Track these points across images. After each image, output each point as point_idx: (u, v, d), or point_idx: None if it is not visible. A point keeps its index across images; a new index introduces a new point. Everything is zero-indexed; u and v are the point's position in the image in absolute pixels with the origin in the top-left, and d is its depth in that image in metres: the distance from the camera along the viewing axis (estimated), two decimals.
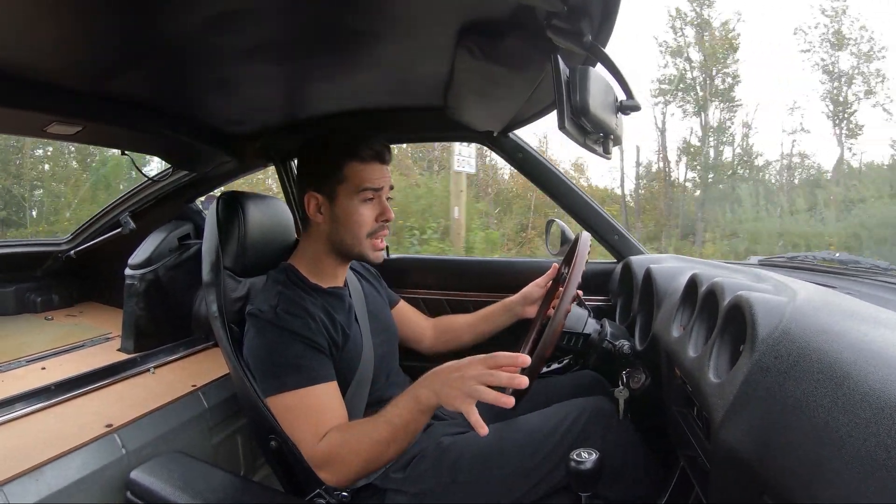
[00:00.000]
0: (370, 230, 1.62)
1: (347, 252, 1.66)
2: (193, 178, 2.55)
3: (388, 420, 1.36)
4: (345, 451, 1.39)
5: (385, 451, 1.38)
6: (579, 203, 2.30)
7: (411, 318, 2.08)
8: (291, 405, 1.45)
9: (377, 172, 1.61)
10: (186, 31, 1.18)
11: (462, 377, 1.25)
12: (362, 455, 1.38)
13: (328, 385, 1.49)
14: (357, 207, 1.60)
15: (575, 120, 0.99)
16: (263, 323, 1.51)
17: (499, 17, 1.15)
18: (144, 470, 1.47)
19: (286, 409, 1.45)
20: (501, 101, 1.70)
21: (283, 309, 1.51)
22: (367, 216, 1.61)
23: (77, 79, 1.45)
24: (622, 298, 2.14)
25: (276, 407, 1.46)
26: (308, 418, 1.44)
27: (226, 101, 1.75)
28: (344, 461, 1.40)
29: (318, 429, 1.43)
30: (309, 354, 1.49)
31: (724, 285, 1.19)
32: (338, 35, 1.28)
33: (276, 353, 1.48)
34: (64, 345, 2.44)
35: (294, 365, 1.46)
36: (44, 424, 1.63)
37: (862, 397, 0.67)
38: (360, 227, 1.61)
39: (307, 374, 1.46)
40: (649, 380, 1.65)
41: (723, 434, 0.92)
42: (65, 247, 3.06)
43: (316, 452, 1.41)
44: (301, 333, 1.49)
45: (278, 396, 1.45)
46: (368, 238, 1.63)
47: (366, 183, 1.59)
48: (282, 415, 1.46)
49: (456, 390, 1.25)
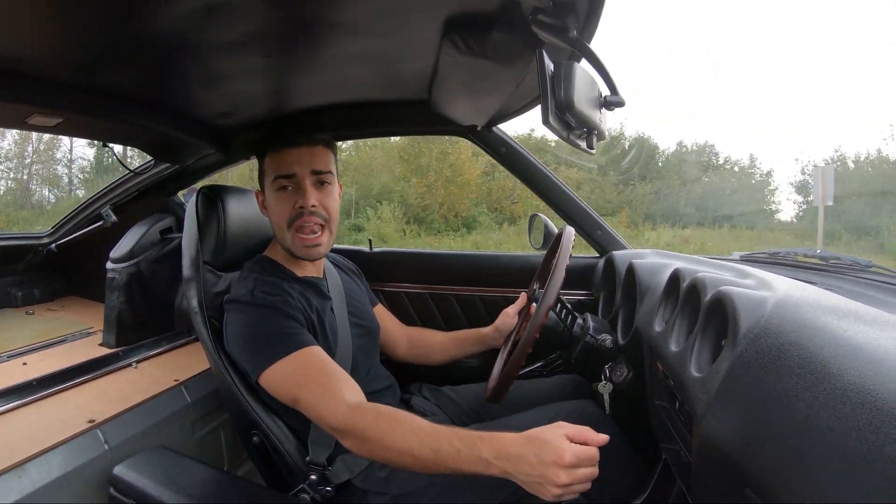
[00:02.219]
0: (289, 218, 1.61)
1: (283, 246, 1.66)
2: (176, 170, 2.53)
3: (438, 452, 1.21)
4: (377, 442, 1.28)
5: (410, 466, 1.26)
6: (563, 198, 2.31)
7: (387, 323, 2.05)
8: (290, 371, 1.42)
9: (290, 157, 1.60)
10: (170, 22, 1.17)
11: (546, 476, 1.10)
12: (390, 457, 1.28)
13: (315, 348, 1.47)
14: (274, 197, 1.62)
15: (559, 115, 0.99)
16: (241, 305, 1.51)
17: (484, 12, 1.15)
18: (127, 465, 1.47)
19: (286, 377, 1.42)
20: (486, 96, 1.70)
21: (260, 290, 1.52)
22: (282, 205, 1.61)
23: (58, 70, 1.44)
24: (605, 293, 2.16)
25: (275, 378, 1.43)
26: (312, 382, 1.40)
27: (210, 93, 1.74)
28: (369, 448, 1.31)
29: (335, 390, 1.37)
30: (290, 324, 1.48)
31: (706, 280, 1.19)
32: (323, 28, 1.27)
33: (260, 328, 1.47)
34: (45, 339, 2.42)
35: (280, 334, 1.45)
36: (25, 420, 1.62)
37: (842, 392, 0.68)
38: (279, 217, 1.62)
39: (295, 340, 1.45)
40: (631, 374, 1.66)
41: (705, 428, 0.92)
42: (45, 240, 3.02)
43: (340, 421, 1.33)
44: (280, 308, 1.48)
45: (273, 368, 1.42)
46: (290, 229, 1.61)
47: (275, 171, 1.60)
48: (278, 387, 1.44)
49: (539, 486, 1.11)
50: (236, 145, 2.31)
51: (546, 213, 2.22)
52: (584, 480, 1.12)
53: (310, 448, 1.53)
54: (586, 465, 1.12)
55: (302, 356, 1.43)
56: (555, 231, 1.99)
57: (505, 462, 1.14)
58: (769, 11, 24.25)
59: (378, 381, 1.75)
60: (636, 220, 18.51)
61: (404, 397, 1.88)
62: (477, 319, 2.41)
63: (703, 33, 28.33)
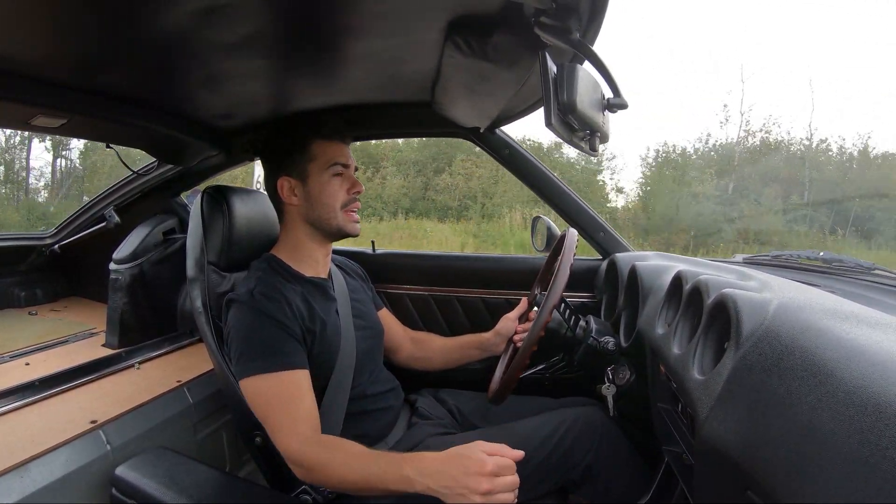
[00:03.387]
0: (344, 202, 1.67)
1: (325, 227, 1.68)
2: (179, 171, 2.54)
3: (367, 476, 1.27)
4: (321, 471, 1.35)
5: (351, 490, 1.35)
6: (566, 200, 2.30)
7: (391, 326, 2.05)
8: (263, 389, 1.44)
9: (343, 148, 1.68)
10: (173, 24, 1.17)
11: (468, 486, 1.14)
12: (334, 484, 1.35)
13: (300, 372, 1.48)
14: (329, 181, 1.65)
15: (562, 117, 0.99)
16: (240, 305, 1.51)
17: (487, 14, 1.15)
18: (129, 466, 1.46)
19: (257, 392, 1.45)
20: (489, 98, 1.69)
21: (259, 291, 1.52)
22: (339, 189, 1.66)
23: (62, 71, 1.44)
24: (607, 295, 2.15)
25: (248, 390, 1.46)
26: (284, 407, 1.42)
27: (213, 95, 1.74)
28: (316, 477, 1.37)
29: (294, 421, 1.41)
30: (283, 339, 1.48)
31: (708, 283, 1.19)
32: (325, 30, 1.27)
33: (251, 335, 1.47)
34: (48, 340, 2.42)
35: (268, 347, 1.46)
36: (28, 421, 1.62)
37: (845, 395, 0.68)
38: (335, 200, 1.66)
39: (280, 360, 1.46)
40: (634, 376, 1.66)
41: (707, 430, 0.92)
42: (49, 241, 3.04)
43: (292, 452, 1.38)
44: (275, 317, 1.48)
45: (251, 379, 1.44)
46: (343, 210, 1.67)
47: (336, 158, 1.65)
48: (253, 398, 1.45)
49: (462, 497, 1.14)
50: (238, 146, 2.31)
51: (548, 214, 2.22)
52: (506, 489, 1.15)
53: None
54: (507, 474, 1.16)
55: (284, 379, 1.45)
56: (557, 233, 1.99)
57: (427, 478, 1.20)
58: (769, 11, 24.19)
59: (381, 383, 1.75)
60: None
61: (409, 398, 1.87)
62: (479, 321, 2.41)
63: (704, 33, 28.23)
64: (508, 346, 1.89)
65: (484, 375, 1.95)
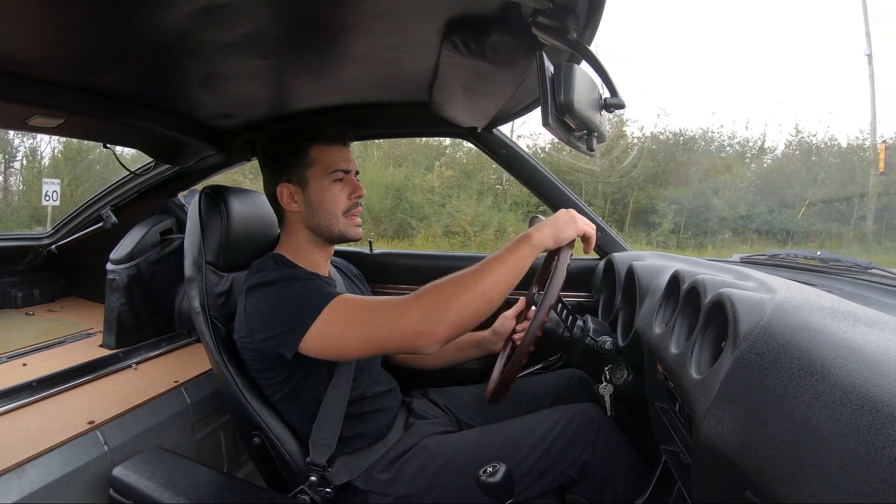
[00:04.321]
0: (345, 208, 1.66)
1: (327, 234, 1.66)
2: (176, 171, 2.54)
3: (498, 258, 1.39)
4: (458, 310, 1.34)
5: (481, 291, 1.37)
6: (563, 200, 2.31)
7: None
8: (340, 315, 1.39)
9: (343, 153, 1.67)
10: (170, 24, 1.17)
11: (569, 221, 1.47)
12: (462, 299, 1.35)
13: (346, 294, 1.48)
14: (329, 187, 1.64)
15: (559, 117, 0.99)
16: (263, 285, 1.49)
17: (485, 13, 1.15)
18: (127, 467, 1.46)
19: (337, 321, 1.39)
20: (486, 97, 1.70)
21: (283, 270, 1.54)
22: (339, 195, 1.65)
23: (59, 71, 1.44)
24: (605, 295, 2.16)
25: (325, 329, 1.38)
26: (368, 308, 1.39)
27: (210, 95, 1.74)
28: (460, 316, 1.35)
29: (386, 305, 1.38)
30: (318, 283, 1.50)
31: (705, 282, 1.20)
32: (323, 30, 1.27)
33: (289, 294, 1.44)
34: (45, 340, 2.42)
35: (311, 290, 1.44)
36: (25, 421, 1.61)
37: (842, 394, 0.68)
38: (336, 206, 1.64)
39: (327, 291, 1.44)
40: (631, 376, 1.66)
41: (705, 429, 0.92)
42: (46, 241, 3.03)
43: (424, 314, 1.34)
44: (304, 277, 1.51)
45: (319, 322, 1.38)
46: (344, 216, 1.66)
47: (335, 164, 1.63)
48: (334, 334, 1.39)
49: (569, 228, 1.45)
50: (236, 147, 2.31)
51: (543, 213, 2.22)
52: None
53: (311, 449, 1.53)
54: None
55: (340, 302, 1.41)
56: None
57: (541, 230, 1.44)
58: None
59: (380, 384, 1.75)
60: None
61: (405, 401, 1.87)
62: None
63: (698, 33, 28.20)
64: (507, 345, 1.89)
65: (481, 374, 1.95)
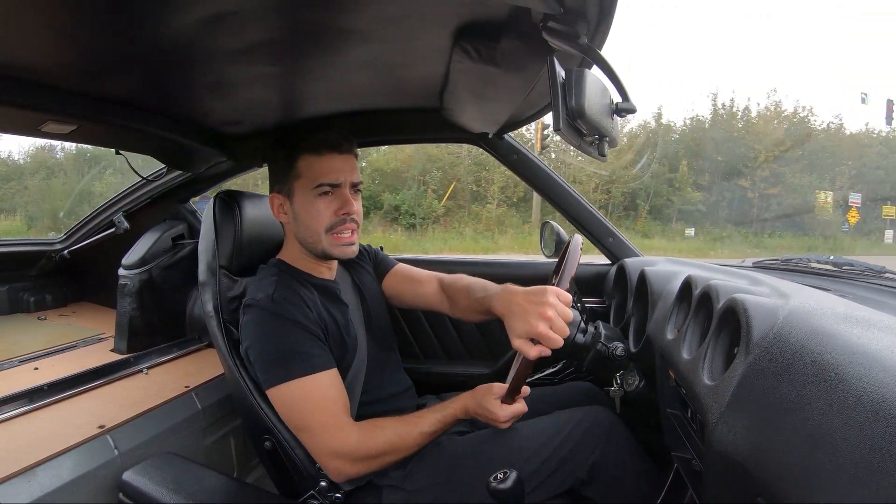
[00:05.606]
0: (328, 224, 1.59)
1: (312, 250, 1.63)
2: (188, 177, 2.55)
3: (422, 431, 1.42)
4: (390, 452, 1.42)
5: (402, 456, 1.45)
6: (574, 205, 2.31)
7: (408, 284, 1.94)
8: (300, 395, 1.42)
9: (334, 163, 1.58)
10: (181, 31, 1.17)
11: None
12: (392, 458, 1.42)
13: (331, 373, 1.47)
14: (312, 202, 1.58)
15: (570, 122, 0.99)
16: (260, 311, 1.49)
17: (495, 19, 1.14)
18: (137, 471, 1.47)
19: (293, 399, 1.43)
20: (497, 103, 1.69)
21: (279, 296, 1.50)
22: (324, 210, 1.58)
23: (72, 78, 1.45)
24: (616, 300, 2.15)
25: (282, 397, 1.44)
26: (324, 409, 1.42)
27: (221, 101, 1.74)
28: (381, 460, 1.42)
29: (338, 420, 1.42)
30: (308, 342, 1.47)
31: (718, 288, 1.19)
32: (332, 36, 1.27)
33: (277, 341, 1.46)
34: (57, 345, 2.44)
35: (295, 352, 1.44)
36: (36, 425, 1.62)
37: (856, 400, 0.67)
38: (318, 223, 1.59)
39: (310, 363, 1.44)
40: (643, 382, 1.65)
41: (717, 436, 0.92)
42: (58, 246, 3.05)
43: (348, 448, 1.40)
44: (298, 321, 1.47)
45: (283, 386, 1.42)
46: (328, 233, 1.59)
47: (320, 178, 1.56)
48: (289, 405, 1.44)
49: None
50: (246, 153, 2.32)
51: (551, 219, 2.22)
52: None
53: None
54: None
55: (314, 384, 1.43)
56: (566, 238, 1.98)
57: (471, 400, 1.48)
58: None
59: (394, 384, 1.75)
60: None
61: (420, 403, 1.86)
62: (486, 326, 2.41)
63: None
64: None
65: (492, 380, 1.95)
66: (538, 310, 1.27)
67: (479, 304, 1.62)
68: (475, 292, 1.66)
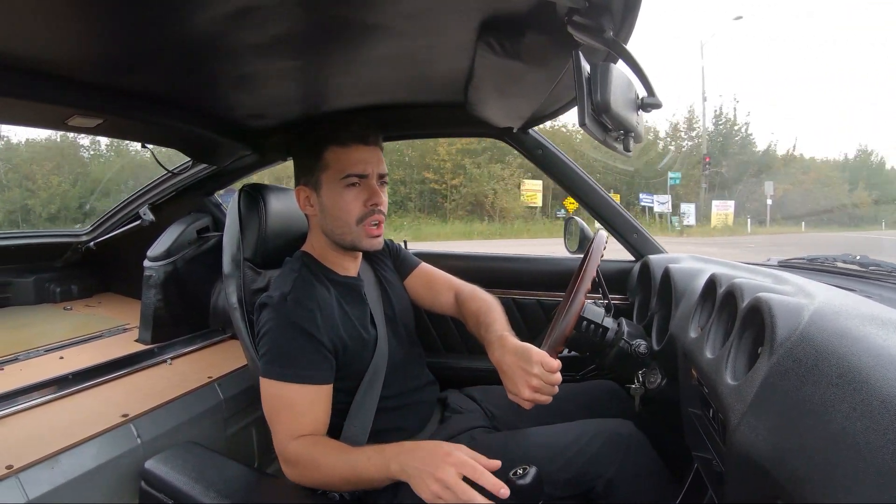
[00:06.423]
0: (359, 216, 1.57)
1: (340, 242, 1.62)
2: (213, 171, 2.57)
3: (355, 465, 1.32)
4: (310, 465, 1.38)
5: (340, 486, 1.41)
6: (599, 201, 2.29)
7: (426, 290, 1.94)
8: (277, 395, 1.44)
9: (361, 155, 1.56)
10: (204, 25, 1.18)
11: (439, 466, 1.19)
12: (321, 479, 1.38)
13: (319, 388, 1.47)
14: (341, 194, 1.56)
15: (596, 117, 0.98)
16: (271, 309, 1.50)
17: (519, 13, 1.14)
18: (159, 460, 1.48)
19: (272, 396, 1.45)
20: (522, 98, 1.69)
21: (293, 298, 1.49)
22: (352, 202, 1.56)
23: (97, 73, 1.46)
24: (640, 297, 2.13)
25: (265, 389, 1.46)
26: (288, 414, 1.43)
27: (245, 95, 1.75)
28: (304, 473, 1.40)
29: (294, 428, 1.42)
30: (310, 350, 1.47)
31: (743, 286, 1.18)
32: (355, 31, 1.27)
33: (279, 340, 1.46)
34: (82, 335, 2.47)
35: (292, 357, 1.45)
36: (60, 413, 1.65)
37: (881, 403, 0.66)
38: (348, 214, 1.57)
39: (302, 373, 1.44)
40: (665, 381, 1.64)
41: (739, 437, 0.91)
42: (84, 238, 3.09)
43: (285, 449, 1.41)
44: (304, 327, 1.46)
45: (273, 382, 1.44)
46: (359, 225, 1.58)
47: (348, 169, 1.55)
48: (266, 399, 1.46)
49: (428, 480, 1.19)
50: (271, 147, 2.33)
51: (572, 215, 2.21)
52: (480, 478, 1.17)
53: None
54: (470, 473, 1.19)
55: (296, 393, 1.44)
56: (591, 235, 1.97)
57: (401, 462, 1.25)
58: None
59: (417, 378, 1.75)
60: None
61: (440, 396, 1.87)
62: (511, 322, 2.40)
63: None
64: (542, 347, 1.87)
65: None
66: (525, 378, 1.36)
67: (480, 338, 1.63)
68: (479, 325, 1.67)
